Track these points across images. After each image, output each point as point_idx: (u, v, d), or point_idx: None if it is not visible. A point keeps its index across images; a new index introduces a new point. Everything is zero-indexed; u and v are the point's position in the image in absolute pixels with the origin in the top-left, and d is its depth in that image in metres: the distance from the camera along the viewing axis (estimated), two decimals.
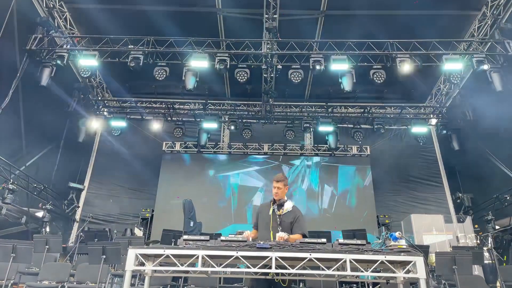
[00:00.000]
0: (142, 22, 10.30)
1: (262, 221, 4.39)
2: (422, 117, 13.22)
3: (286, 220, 4.26)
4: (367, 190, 12.83)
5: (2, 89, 8.97)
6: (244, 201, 12.75)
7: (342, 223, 11.91)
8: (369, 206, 12.55)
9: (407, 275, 3.41)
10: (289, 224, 4.26)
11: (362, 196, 12.81)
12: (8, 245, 6.53)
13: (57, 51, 9.58)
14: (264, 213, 4.42)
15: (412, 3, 9.71)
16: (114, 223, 12.55)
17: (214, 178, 13.27)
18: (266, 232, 4.27)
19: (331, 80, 10.41)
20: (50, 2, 9.96)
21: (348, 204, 12.78)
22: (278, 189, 4.35)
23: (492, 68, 9.11)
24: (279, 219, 4.25)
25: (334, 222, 12.22)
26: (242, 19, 10.20)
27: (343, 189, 13.02)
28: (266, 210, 4.40)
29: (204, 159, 13.60)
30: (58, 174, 11.69)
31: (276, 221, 4.25)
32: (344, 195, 12.93)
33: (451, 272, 6.07)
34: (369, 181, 12.95)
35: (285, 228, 4.22)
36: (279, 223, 4.23)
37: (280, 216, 4.26)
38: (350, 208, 12.71)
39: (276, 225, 4.23)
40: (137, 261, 3.44)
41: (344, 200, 12.85)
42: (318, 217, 12.58)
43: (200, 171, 13.38)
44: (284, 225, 4.23)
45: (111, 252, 6.41)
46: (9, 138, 9.64)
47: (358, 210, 12.62)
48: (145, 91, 13.14)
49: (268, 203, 4.50)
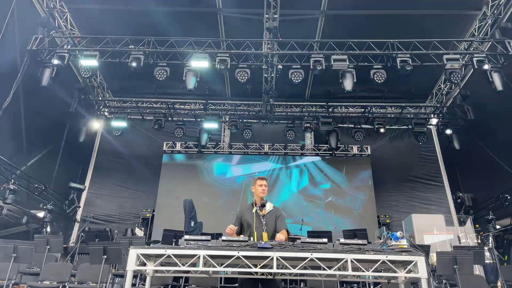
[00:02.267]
0: (142, 22, 10.30)
1: (245, 222, 4.59)
2: (423, 116, 13.20)
3: (270, 219, 4.50)
4: (368, 190, 12.82)
5: (3, 90, 8.98)
6: (245, 200, 12.75)
7: (343, 223, 11.96)
8: (370, 206, 12.55)
9: (408, 275, 3.41)
10: (273, 222, 4.51)
11: (363, 196, 12.80)
12: (9, 245, 6.53)
13: (57, 51, 9.59)
14: (247, 214, 4.61)
15: (413, 2, 9.72)
16: (114, 223, 12.58)
17: (215, 178, 13.27)
18: (250, 232, 4.46)
19: (332, 80, 10.40)
20: (50, 3, 9.97)
21: (350, 204, 12.77)
22: (265, 186, 4.65)
23: (493, 68, 9.10)
24: (263, 219, 4.45)
25: (335, 223, 12.25)
26: (242, 19, 10.20)
27: (344, 189, 13.02)
28: (249, 211, 4.60)
29: (204, 159, 13.61)
30: (59, 174, 11.69)
31: (260, 221, 4.46)
32: (346, 195, 12.93)
33: (452, 272, 6.07)
34: (370, 181, 12.94)
35: (270, 226, 4.46)
36: (264, 223, 4.43)
37: (264, 216, 4.48)
38: (352, 208, 12.69)
39: (260, 225, 4.44)
40: (139, 261, 3.45)
41: (346, 200, 12.84)
42: (318, 216, 12.57)
43: (201, 171, 13.39)
44: (269, 224, 4.46)
45: (112, 252, 6.40)
46: (10, 139, 9.65)
47: (359, 209, 12.62)
48: (146, 91, 13.15)
49: (249, 206, 4.72)
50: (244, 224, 4.61)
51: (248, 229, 4.52)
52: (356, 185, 13.06)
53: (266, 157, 13.62)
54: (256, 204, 4.61)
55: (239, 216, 4.71)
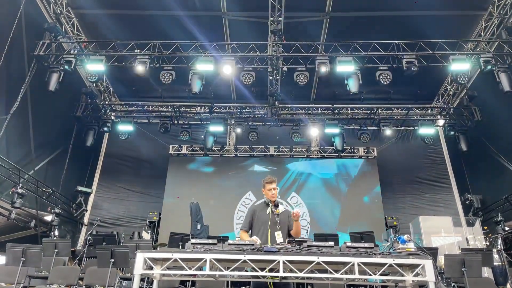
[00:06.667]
0: (148, 27, 10.39)
1: (258, 221, 4.56)
2: (429, 118, 13.12)
3: (283, 218, 4.52)
4: (375, 192, 12.75)
5: (10, 95, 9.08)
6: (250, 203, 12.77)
7: (350, 226, 11.90)
8: (376, 208, 12.48)
9: (416, 278, 3.38)
10: (286, 221, 4.53)
11: (370, 198, 12.74)
12: (18, 249, 6.59)
13: (64, 56, 9.68)
14: (261, 213, 4.59)
15: (418, 3, 9.67)
16: (122, 226, 12.65)
17: (220, 180, 13.29)
18: (263, 231, 4.44)
19: (337, 82, 10.40)
20: (57, 8, 10.09)
21: (356, 206, 12.71)
22: (274, 189, 4.60)
23: (500, 68, 9.03)
24: (277, 218, 4.46)
25: (341, 224, 12.21)
26: (247, 22, 10.24)
27: (350, 191, 12.96)
28: (263, 210, 4.59)
29: (210, 162, 13.64)
30: (66, 178, 11.79)
31: (274, 220, 4.46)
32: (352, 197, 12.88)
33: (460, 275, 6.02)
34: (377, 183, 12.88)
35: (283, 225, 4.47)
36: (278, 221, 4.44)
37: (278, 215, 4.50)
38: (358, 210, 12.64)
39: (275, 224, 4.43)
40: (146, 265, 3.46)
41: (352, 202, 12.79)
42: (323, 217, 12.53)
43: (207, 173, 13.43)
44: (283, 223, 4.48)
45: (120, 255, 6.45)
46: (18, 143, 9.75)
47: (366, 212, 12.56)
48: (152, 95, 13.22)
49: (262, 205, 4.70)
50: (255, 223, 4.58)
51: (261, 227, 4.49)
52: (363, 187, 13.00)
53: (272, 158, 13.63)
54: (270, 204, 4.58)
55: (250, 215, 4.68)
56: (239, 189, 13.02)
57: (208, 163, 13.64)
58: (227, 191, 13.06)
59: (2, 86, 8.92)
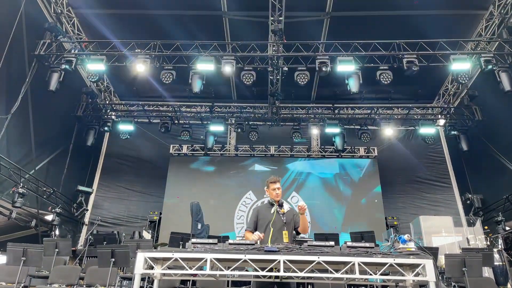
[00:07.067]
0: (148, 26, 10.38)
1: (264, 221, 4.55)
2: (430, 117, 13.11)
3: (288, 218, 4.51)
4: (375, 191, 12.75)
5: (11, 94, 9.08)
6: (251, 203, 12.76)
7: (350, 225, 11.91)
8: (377, 207, 12.48)
9: (417, 278, 3.38)
10: (291, 220, 4.54)
11: (370, 197, 12.73)
12: (19, 249, 6.59)
13: (65, 56, 9.68)
14: (265, 213, 4.58)
15: (419, 3, 9.66)
16: (122, 226, 12.67)
17: (221, 180, 13.29)
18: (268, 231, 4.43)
19: (338, 82, 10.39)
20: (58, 8, 10.09)
21: (357, 206, 12.71)
22: (279, 189, 4.60)
23: (500, 68, 9.02)
24: (283, 217, 4.46)
25: (341, 224, 12.21)
26: (247, 21, 10.24)
27: (350, 190, 12.97)
28: (268, 210, 4.58)
29: (211, 162, 13.65)
30: (67, 177, 11.79)
31: (280, 219, 4.46)
32: (352, 197, 12.88)
33: (461, 274, 6.02)
34: (377, 183, 12.87)
35: (289, 224, 4.48)
36: (284, 221, 4.44)
37: (284, 214, 4.50)
38: (359, 210, 12.64)
39: (280, 223, 4.44)
40: (146, 264, 3.46)
41: (353, 202, 12.79)
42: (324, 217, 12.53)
43: (207, 173, 13.43)
44: (288, 222, 4.48)
45: (120, 255, 6.46)
46: (19, 143, 9.75)
47: (366, 212, 12.56)
48: (152, 94, 13.22)
49: (267, 204, 4.68)
50: (260, 223, 4.57)
51: (266, 227, 4.48)
52: (363, 187, 13.00)
53: (273, 158, 13.63)
54: (274, 203, 4.59)
55: (254, 215, 4.66)
56: (239, 189, 13.03)
57: (209, 162, 13.65)
58: (227, 191, 13.07)
59: (3, 86, 8.92)
